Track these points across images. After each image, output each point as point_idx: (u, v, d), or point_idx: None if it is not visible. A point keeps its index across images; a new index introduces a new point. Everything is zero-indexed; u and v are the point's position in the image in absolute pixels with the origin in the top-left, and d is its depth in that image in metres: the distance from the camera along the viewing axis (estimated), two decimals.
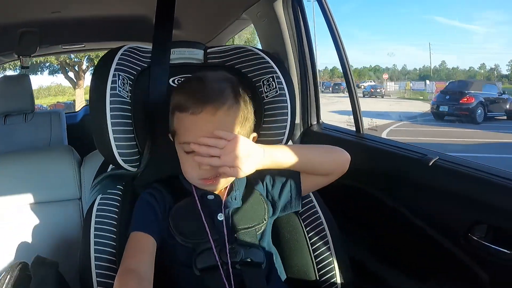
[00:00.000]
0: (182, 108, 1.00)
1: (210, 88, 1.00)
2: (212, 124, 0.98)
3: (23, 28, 2.49)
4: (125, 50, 1.16)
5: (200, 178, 1.04)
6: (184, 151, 1.04)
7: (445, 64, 19.77)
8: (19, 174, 1.62)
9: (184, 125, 1.01)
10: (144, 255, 0.99)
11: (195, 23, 2.56)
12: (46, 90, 29.91)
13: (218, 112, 0.98)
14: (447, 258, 1.25)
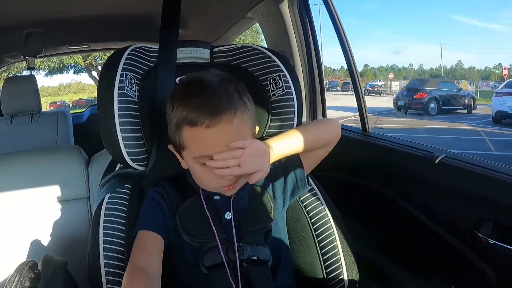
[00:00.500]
0: (193, 122, 0.95)
1: (219, 97, 0.95)
2: (230, 133, 0.96)
3: (29, 29, 2.50)
4: (132, 50, 1.17)
5: (221, 186, 1.03)
6: (199, 164, 1.01)
7: (461, 63, 19.77)
8: (28, 174, 1.64)
9: (198, 139, 0.97)
10: (151, 253, 1.00)
11: (201, 23, 2.57)
12: (67, 87, 30.65)
13: (234, 119, 0.96)
14: (453, 255, 1.25)
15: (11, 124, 3.04)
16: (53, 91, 30.75)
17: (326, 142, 1.18)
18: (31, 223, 1.62)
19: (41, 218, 1.62)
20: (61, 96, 29.40)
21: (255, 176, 1.00)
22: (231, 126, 0.95)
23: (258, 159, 1.00)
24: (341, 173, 1.70)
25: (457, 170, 1.25)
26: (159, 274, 0.96)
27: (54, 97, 29.25)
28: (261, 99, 1.19)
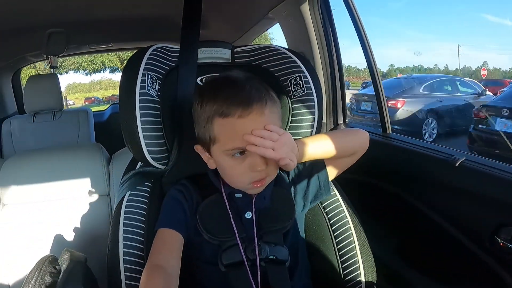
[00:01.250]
0: (225, 113, 0.97)
1: (248, 90, 0.98)
2: (261, 124, 0.97)
3: (51, 28, 2.53)
4: (153, 50, 1.17)
5: (252, 181, 1.03)
6: (230, 157, 1.01)
7: (486, 64, 19.40)
8: (49, 170, 1.67)
9: (230, 130, 0.98)
10: (171, 251, 1.00)
11: (222, 23, 2.57)
12: (98, 84, 31.93)
13: (265, 110, 0.98)
14: (472, 260, 1.24)
15: (33, 122, 3.09)
16: (85, 87, 32.18)
17: (353, 151, 1.19)
18: (52, 218, 1.64)
19: (62, 214, 1.64)
20: (93, 93, 30.62)
21: (287, 165, 1.01)
22: (263, 116, 0.98)
23: (291, 150, 1.02)
24: (360, 175, 1.68)
25: (478, 174, 1.23)
26: (177, 272, 0.97)
27: (86, 93, 30.63)
28: (282, 100, 1.19)
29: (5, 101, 3.49)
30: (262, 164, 0.99)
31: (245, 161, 1.00)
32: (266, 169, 1.01)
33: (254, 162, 0.99)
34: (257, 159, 0.99)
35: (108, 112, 4.26)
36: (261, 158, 0.99)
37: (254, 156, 0.99)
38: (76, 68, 26.05)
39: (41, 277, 1.06)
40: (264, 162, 1.00)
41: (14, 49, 2.98)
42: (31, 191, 1.64)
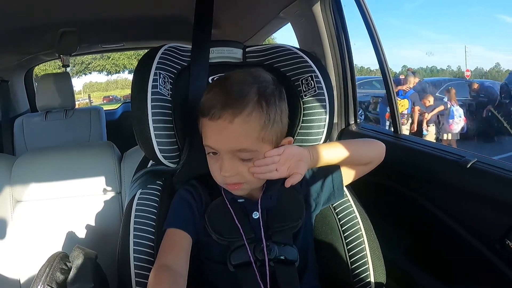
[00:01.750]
0: (203, 112, 0.99)
1: (230, 92, 0.96)
2: (227, 133, 0.96)
3: (64, 28, 2.55)
4: (165, 49, 1.18)
5: (224, 182, 1.04)
6: (208, 153, 1.04)
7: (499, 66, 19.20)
8: (61, 168, 1.68)
9: (206, 129, 1.01)
10: (179, 252, 1.00)
11: (233, 22, 2.58)
12: (114, 83, 32.48)
13: (235, 119, 0.94)
14: (481, 262, 1.23)
15: (45, 120, 3.12)
16: (101, 86, 32.89)
17: (368, 161, 1.20)
18: (64, 215, 1.65)
19: (73, 211, 1.66)
20: (110, 91, 31.26)
21: (289, 180, 1.02)
22: (231, 124, 0.95)
23: (294, 163, 1.03)
24: (371, 175, 1.67)
25: (489, 175, 1.22)
26: (185, 273, 0.97)
27: (103, 92, 31.35)
28: (293, 100, 1.19)
29: (18, 99, 3.52)
30: (227, 171, 0.99)
31: (217, 162, 1.01)
32: (238, 176, 1.01)
33: (221, 166, 1.00)
34: (224, 164, 0.99)
35: (120, 111, 4.29)
36: (229, 165, 0.99)
37: (222, 160, 0.99)
38: (100, 69, 27.30)
39: (52, 273, 1.07)
40: (231, 169, 0.99)
41: (26, 48, 3.01)
42: (43, 189, 1.65)
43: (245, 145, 0.97)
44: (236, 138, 0.96)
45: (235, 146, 0.97)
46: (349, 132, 1.95)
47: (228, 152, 0.98)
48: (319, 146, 1.13)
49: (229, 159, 0.98)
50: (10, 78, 3.32)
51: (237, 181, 1.02)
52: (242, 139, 0.97)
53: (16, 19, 2.11)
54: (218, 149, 0.99)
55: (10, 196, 1.65)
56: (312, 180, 1.18)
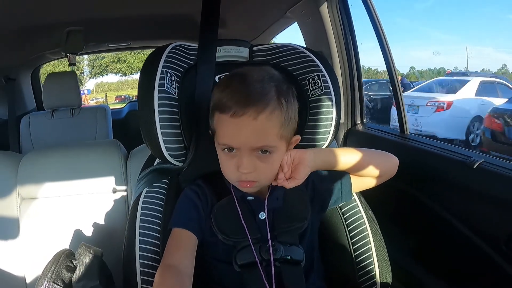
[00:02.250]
0: (222, 108, 0.98)
1: (253, 89, 0.97)
2: (252, 128, 0.96)
3: (70, 27, 2.56)
4: (172, 47, 1.18)
5: (239, 180, 1.03)
6: (223, 150, 1.03)
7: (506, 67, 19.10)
8: (68, 166, 1.68)
9: (224, 126, 1.00)
10: (185, 251, 1.00)
11: (240, 22, 2.58)
12: (125, 83, 33.76)
13: (260, 116, 0.95)
14: (487, 264, 1.22)
15: (52, 118, 3.13)
16: (113, 86, 34.33)
17: (379, 174, 1.17)
18: (70, 213, 1.66)
19: (79, 209, 1.66)
20: (121, 91, 32.07)
21: (286, 185, 1.04)
22: (255, 121, 0.95)
23: (293, 167, 1.05)
24: None
25: (496, 176, 1.21)
26: (191, 273, 0.97)
27: (114, 91, 32.37)
28: (300, 99, 1.18)
29: (24, 97, 3.54)
30: (246, 168, 0.99)
31: (233, 158, 1.01)
32: (254, 173, 1.00)
33: (239, 163, 0.99)
34: (243, 161, 0.99)
35: (126, 110, 4.29)
36: (248, 162, 0.99)
37: (240, 157, 0.99)
38: (117, 72, 29.10)
39: (58, 271, 1.07)
40: (250, 166, 0.99)
41: (33, 47, 3.02)
42: (49, 186, 1.66)
43: (267, 142, 0.98)
44: (258, 135, 0.97)
45: (257, 143, 0.98)
46: (355, 132, 1.95)
47: (248, 148, 0.98)
48: (327, 150, 1.13)
49: (248, 156, 0.98)
50: (17, 76, 3.34)
51: (252, 179, 1.02)
52: (264, 136, 0.98)
53: (23, 18, 2.12)
54: (238, 145, 0.98)
55: (16, 194, 1.65)
56: (320, 183, 1.17)
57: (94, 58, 27.99)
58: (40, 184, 1.66)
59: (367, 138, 1.88)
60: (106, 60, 28.85)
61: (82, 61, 26.97)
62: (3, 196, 1.65)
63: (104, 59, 28.56)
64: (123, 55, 27.46)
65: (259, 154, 0.99)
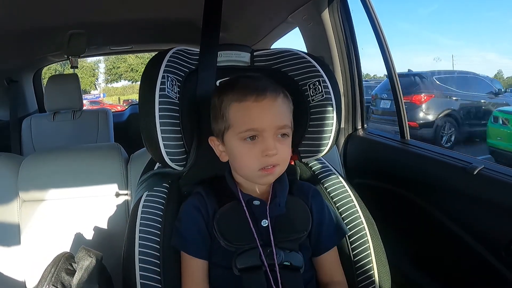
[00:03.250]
0: (242, 98, 1.01)
1: (264, 81, 1.05)
2: (274, 109, 1.02)
3: (73, 29, 2.57)
4: (173, 52, 1.18)
5: (262, 167, 1.03)
6: (243, 140, 1.03)
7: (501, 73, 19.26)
8: (68, 168, 1.68)
9: (245, 113, 1.02)
10: (200, 281, 1.06)
11: (241, 26, 2.58)
12: (131, 88, 34.74)
13: (277, 98, 1.03)
14: (486, 269, 1.23)
15: (53, 121, 3.14)
16: (119, 91, 35.24)
17: None
18: (70, 216, 1.66)
19: (79, 212, 1.66)
20: (127, 95, 32.83)
21: None
22: (276, 103, 1.03)
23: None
24: (377, 180, 1.68)
25: (496, 182, 1.22)
26: None
27: (120, 95, 33.36)
28: (300, 104, 1.19)
29: (26, 99, 3.55)
30: (274, 148, 1.01)
31: (256, 146, 1.02)
32: (277, 156, 1.02)
33: (265, 146, 1.01)
34: (269, 142, 1.01)
35: (128, 113, 4.30)
36: (274, 143, 1.01)
37: (265, 140, 1.01)
38: (130, 79, 32.56)
39: (57, 274, 1.07)
40: (275, 147, 1.01)
41: (35, 49, 3.03)
42: (50, 189, 1.66)
43: (286, 121, 1.05)
44: (280, 114, 1.04)
45: (281, 122, 1.03)
46: (356, 137, 1.95)
47: (273, 129, 1.02)
48: None
49: (272, 138, 1.02)
50: (19, 78, 3.35)
51: (276, 162, 1.03)
52: (284, 116, 1.05)
53: (26, 20, 2.12)
54: (265, 126, 1.01)
55: (17, 196, 1.65)
56: (320, 212, 1.16)
57: (110, 68, 32.00)
58: (40, 186, 1.66)
59: (367, 143, 1.88)
60: (121, 69, 33.20)
61: (97, 69, 33.45)
62: (3, 198, 1.65)
63: (119, 69, 32.18)
64: (136, 65, 31.39)
65: (279, 137, 1.04)
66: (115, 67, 31.78)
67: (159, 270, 1.06)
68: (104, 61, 32.29)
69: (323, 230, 1.14)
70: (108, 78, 33.82)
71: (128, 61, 31.66)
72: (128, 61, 31.64)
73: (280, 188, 1.12)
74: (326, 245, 1.14)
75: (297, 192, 1.16)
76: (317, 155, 1.25)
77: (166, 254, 1.09)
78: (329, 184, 1.28)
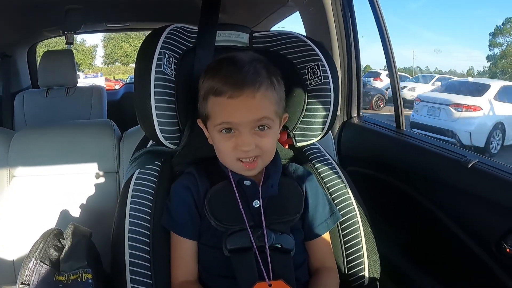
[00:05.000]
0: (218, 92, 0.99)
1: (245, 71, 1.00)
2: (251, 106, 0.99)
3: (69, 4, 2.54)
4: (171, 29, 1.16)
5: (238, 157, 1.03)
6: (219, 132, 1.03)
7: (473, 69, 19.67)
8: (60, 144, 1.67)
9: (221, 107, 1.00)
10: (190, 261, 1.07)
11: (241, 8, 2.57)
12: (116, 69, 37.82)
13: (256, 94, 0.99)
14: (477, 264, 1.23)
15: (46, 97, 3.12)
16: (104, 70, 37.72)
17: None
18: (60, 192, 1.65)
19: (70, 189, 1.65)
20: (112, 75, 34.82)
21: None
22: (253, 99, 0.99)
23: None
24: (370, 169, 1.67)
25: (489, 177, 1.21)
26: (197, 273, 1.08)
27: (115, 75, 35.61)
28: (298, 87, 1.18)
29: (20, 75, 3.51)
30: (247, 145, 1.00)
31: (231, 139, 1.02)
32: (256, 149, 1.02)
33: (239, 142, 1.01)
34: (243, 138, 1.00)
35: (122, 91, 4.27)
36: (248, 139, 1.00)
37: (240, 136, 1.01)
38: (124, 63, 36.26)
39: (45, 250, 1.06)
40: (251, 143, 1.01)
41: (31, 24, 3.00)
42: (40, 164, 1.65)
43: (266, 113, 1.01)
44: (258, 108, 1.00)
45: (258, 115, 1.00)
46: (351, 125, 1.95)
47: (249, 124, 1.00)
48: None
49: (248, 133, 1.00)
50: (13, 53, 3.31)
51: (256, 154, 1.03)
52: (263, 109, 1.01)
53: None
54: (238, 121, 1.00)
55: (6, 171, 1.64)
56: (314, 196, 1.16)
57: (109, 53, 37.59)
58: (31, 161, 1.65)
59: (362, 131, 1.87)
60: (117, 54, 37.89)
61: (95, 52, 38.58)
62: None
63: (116, 54, 37.42)
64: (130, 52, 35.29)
65: (257, 130, 1.02)
66: (112, 53, 35.28)
67: (148, 249, 1.06)
68: (104, 47, 36.25)
69: (317, 215, 1.14)
70: (106, 61, 36.92)
71: (124, 48, 34.57)
72: (124, 48, 34.75)
73: (274, 169, 1.11)
74: (319, 229, 1.14)
75: (291, 174, 1.17)
76: (312, 140, 1.24)
77: (156, 233, 1.08)
78: (322, 169, 1.28)
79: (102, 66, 38.72)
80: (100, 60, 38.33)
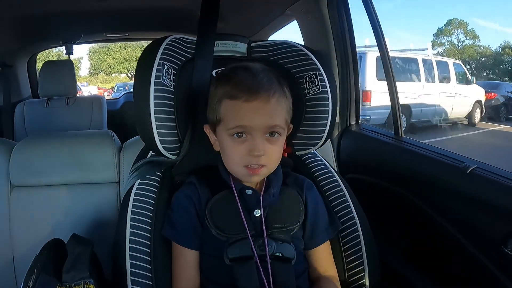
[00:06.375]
0: (233, 96, 1.01)
1: (260, 78, 1.02)
2: (265, 110, 1.01)
3: (69, 15, 2.55)
4: (170, 40, 1.17)
5: (247, 164, 1.03)
6: (231, 136, 1.03)
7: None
8: (61, 155, 1.67)
9: (235, 111, 1.01)
10: (192, 270, 1.08)
11: (239, 17, 2.57)
12: (95, 78, 38.12)
13: (271, 99, 1.01)
14: (477, 268, 1.23)
15: (47, 107, 3.12)
16: (99, 80, 38.75)
17: None
18: (61, 202, 1.65)
19: (70, 199, 1.65)
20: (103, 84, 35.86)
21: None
22: (268, 104, 1.01)
23: None
24: (370, 176, 1.68)
25: (488, 182, 1.22)
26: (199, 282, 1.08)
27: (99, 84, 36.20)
28: (296, 97, 1.18)
29: (20, 85, 3.50)
30: (260, 150, 1.01)
31: (243, 143, 1.02)
32: (264, 157, 1.02)
33: (251, 146, 1.01)
34: (256, 142, 1.01)
35: (122, 101, 4.27)
36: (261, 144, 1.01)
37: (253, 140, 1.01)
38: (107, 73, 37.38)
39: (48, 260, 1.07)
40: (262, 148, 1.01)
41: (31, 34, 3.00)
42: (41, 175, 1.65)
43: (278, 121, 1.03)
44: (272, 115, 1.02)
45: (271, 122, 1.02)
46: (349, 132, 1.95)
47: (262, 129, 1.01)
48: None
49: (260, 138, 1.01)
50: (13, 63, 3.31)
51: (263, 163, 1.03)
52: (276, 116, 1.03)
53: (22, 5, 2.10)
54: (253, 125, 1.00)
55: (7, 181, 1.64)
56: (315, 207, 1.17)
57: (94, 65, 37.37)
58: (32, 172, 1.64)
59: (361, 138, 1.88)
60: (101, 66, 37.45)
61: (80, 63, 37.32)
62: None
63: (100, 66, 37.21)
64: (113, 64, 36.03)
65: (268, 136, 1.02)
66: (97, 64, 36.71)
67: (149, 259, 1.06)
68: (89, 59, 37.03)
69: (317, 224, 1.14)
70: (92, 72, 37.78)
71: (108, 60, 35.70)
72: (108, 61, 35.79)
73: (275, 178, 1.12)
74: (319, 238, 1.14)
75: (292, 183, 1.17)
76: (311, 148, 1.25)
77: (157, 243, 1.09)
78: (322, 177, 1.28)
79: (86, 75, 40.25)
80: (86, 71, 39.91)
